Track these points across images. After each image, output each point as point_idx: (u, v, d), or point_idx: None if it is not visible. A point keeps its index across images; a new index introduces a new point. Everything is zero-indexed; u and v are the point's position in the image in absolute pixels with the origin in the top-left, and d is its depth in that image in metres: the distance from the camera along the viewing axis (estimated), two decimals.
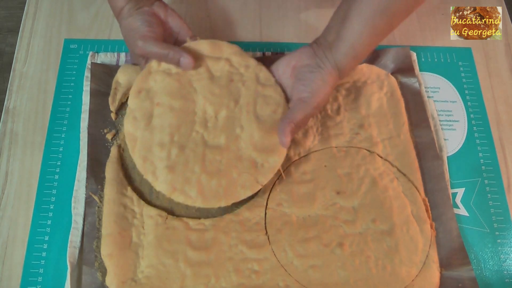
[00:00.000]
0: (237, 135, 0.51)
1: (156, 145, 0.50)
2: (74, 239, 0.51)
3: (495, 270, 0.53)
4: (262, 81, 0.54)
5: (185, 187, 0.49)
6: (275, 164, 0.51)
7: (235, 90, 0.53)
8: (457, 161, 0.58)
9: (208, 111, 0.52)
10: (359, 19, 0.49)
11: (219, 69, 0.54)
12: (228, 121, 0.52)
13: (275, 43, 0.65)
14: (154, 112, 0.51)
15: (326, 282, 0.50)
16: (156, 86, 0.52)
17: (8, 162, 0.56)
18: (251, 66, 0.54)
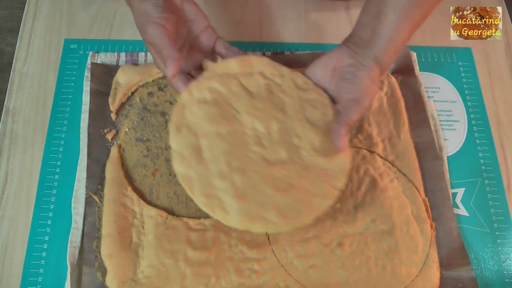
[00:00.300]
0: (296, 145, 0.48)
1: (216, 177, 0.45)
2: (74, 239, 0.51)
3: (495, 270, 0.53)
4: (302, 86, 0.51)
5: (261, 212, 0.44)
6: (345, 165, 0.48)
7: (278, 101, 0.50)
8: (457, 161, 0.58)
9: (258, 128, 0.48)
10: (395, 13, 0.48)
11: (255, 84, 0.51)
12: (282, 133, 0.48)
13: (275, 43, 0.65)
14: (202, 145, 0.47)
15: (326, 282, 0.50)
16: (195, 118, 0.48)
17: (8, 162, 0.56)
18: (285, 74, 0.52)
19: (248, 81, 0.51)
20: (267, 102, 0.50)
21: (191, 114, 0.48)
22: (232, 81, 0.50)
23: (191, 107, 0.49)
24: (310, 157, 0.47)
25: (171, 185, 0.54)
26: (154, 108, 0.58)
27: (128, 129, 0.57)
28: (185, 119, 0.48)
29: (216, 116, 0.48)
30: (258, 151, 0.47)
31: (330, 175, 0.46)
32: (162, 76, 0.60)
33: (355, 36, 0.51)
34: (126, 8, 0.66)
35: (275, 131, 0.48)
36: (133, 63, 0.61)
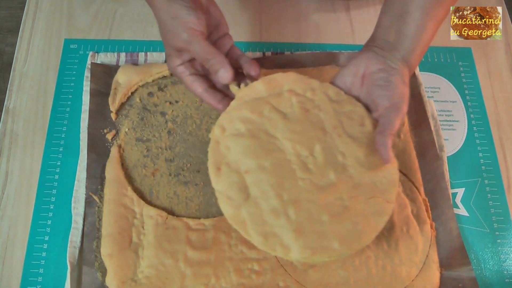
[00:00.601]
0: (343, 164, 0.46)
1: (269, 214, 0.43)
2: (74, 239, 0.51)
3: (495, 270, 0.53)
4: (334, 99, 0.49)
5: (323, 243, 0.42)
6: (393, 175, 0.46)
7: (314, 118, 0.48)
8: (457, 161, 0.58)
9: (301, 152, 0.46)
10: (420, 12, 0.47)
11: (288, 105, 0.48)
12: (326, 153, 0.46)
13: (275, 43, 0.65)
14: (247, 182, 0.45)
15: (326, 282, 0.50)
16: (233, 154, 0.46)
17: (8, 162, 0.56)
18: (316, 88, 0.50)
19: (279, 102, 0.48)
20: (304, 123, 0.48)
21: (228, 150, 0.46)
22: (263, 106, 0.48)
23: (226, 142, 0.47)
24: (358, 174, 0.45)
25: (171, 185, 0.54)
26: (154, 108, 0.58)
27: (128, 129, 0.57)
28: (223, 157, 0.46)
29: (255, 148, 0.46)
30: (306, 177, 0.45)
31: (380, 189, 0.45)
32: (162, 76, 0.60)
33: (379, 40, 0.50)
34: (126, 8, 0.67)
35: (318, 153, 0.46)
36: (133, 63, 0.61)
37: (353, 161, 0.46)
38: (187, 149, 0.56)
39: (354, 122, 0.48)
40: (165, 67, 0.59)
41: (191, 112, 0.59)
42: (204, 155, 0.56)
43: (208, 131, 0.57)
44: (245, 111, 0.48)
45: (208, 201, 0.54)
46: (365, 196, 0.45)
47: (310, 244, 0.42)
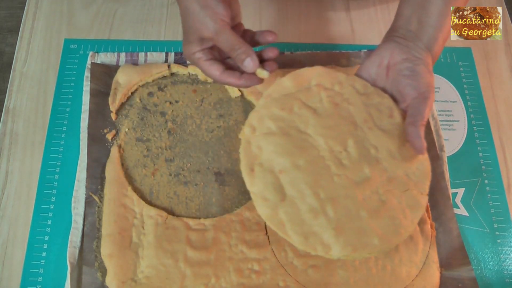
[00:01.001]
0: (377, 158, 0.46)
1: (307, 213, 0.43)
2: (74, 239, 0.51)
3: (495, 270, 0.53)
4: (362, 91, 0.49)
5: (363, 239, 0.42)
6: (426, 165, 0.47)
7: (345, 113, 0.48)
8: (457, 161, 0.58)
9: (335, 147, 0.46)
10: (441, 1, 0.48)
11: (317, 99, 0.48)
12: (360, 148, 0.46)
13: (275, 43, 0.65)
14: (282, 182, 0.44)
15: (326, 282, 0.50)
16: (266, 154, 0.46)
17: (8, 162, 0.56)
18: (343, 81, 0.49)
19: (308, 97, 0.48)
20: (335, 117, 0.47)
21: (259, 150, 0.46)
22: (292, 102, 0.48)
23: (257, 142, 0.46)
24: (391, 166, 0.45)
25: (171, 185, 0.54)
26: (154, 108, 0.58)
27: (128, 129, 0.57)
28: (255, 157, 0.46)
29: (287, 146, 0.45)
30: (341, 173, 0.45)
31: (414, 181, 0.45)
32: (162, 76, 0.60)
33: (401, 29, 0.50)
34: (126, 8, 0.67)
35: (352, 147, 0.46)
36: (133, 63, 0.61)
37: (385, 154, 0.46)
38: (187, 149, 0.56)
39: (383, 114, 0.48)
40: (165, 67, 0.60)
41: (191, 112, 0.59)
42: (204, 155, 0.56)
43: (208, 131, 0.57)
44: (274, 109, 0.48)
45: (208, 201, 0.54)
46: (400, 189, 0.45)
47: (351, 241, 0.42)
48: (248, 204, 0.53)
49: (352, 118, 0.48)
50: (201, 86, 0.60)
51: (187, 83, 0.60)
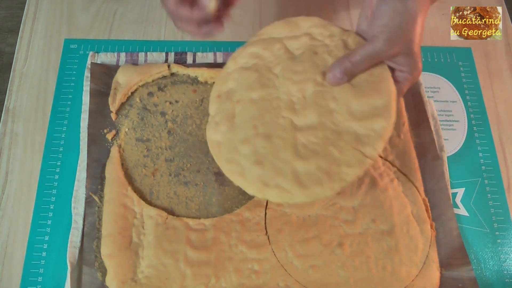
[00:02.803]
0: (331, 109, 0.44)
1: (240, 142, 0.44)
2: (74, 239, 0.51)
3: (495, 270, 0.53)
4: (352, 47, 0.46)
5: (277, 180, 0.42)
6: (383, 130, 0.43)
7: (320, 62, 0.46)
8: (457, 161, 0.58)
9: (294, 92, 0.45)
10: None
11: (300, 46, 0.47)
12: (317, 96, 0.44)
13: None
14: (236, 111, 0.46)
15: (326, 282, 0.50)
16: (234, 85, 0.47)
17: (8, 162, 0.56)
18: (336, 35, 0.47)
19: (293, 43, 0.48)
20: (307, 64, 0.46)
21: (233, 81, 0.47)
22: (275, 45, 0.48)
23: (233, 74, 0.48)
24: (345, 122, 0.43)
25: (171, 185, 0.54)
26: (154, 108, 0.58)
27: (128, 129, 0.57)
28: (227, 86, 0.47)
29: (252, 81, 0.46)
30: (288, 116, 0.44)
31: (363, 141, 0.43)
32: (162, 76, 0.60)
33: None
34: (126, 8, 0.67)
35: (310, 94, 0.45)
36: (133, 63, 0.61)
37: (343, 108, 0.44)
38: (187, 149, 0.56)
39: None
40: (165, 67, 0.60)
41: (191, 112, 0.59)
42: (204, 155, 0.56)
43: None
44: (258, 47, 0.48)
45: (208, 201, 0.54)
46: (343, 145, 0.43)
47: (265, 179, 0.42)
48: (248, 204, 0.53)
49: (325, 68, 0.46)
50: (201, 86, 0.60)
51: (187, 83, 0.60)
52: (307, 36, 0.48)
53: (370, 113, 0.43)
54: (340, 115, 0.44)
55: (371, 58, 0.43)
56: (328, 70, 0.44)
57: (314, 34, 0.48)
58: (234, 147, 0.44)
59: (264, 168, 0.42)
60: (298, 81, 0.46)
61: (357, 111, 0.44)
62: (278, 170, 0.42)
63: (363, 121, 0.43)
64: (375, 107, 0.43)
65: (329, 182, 0.41)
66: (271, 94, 0.46)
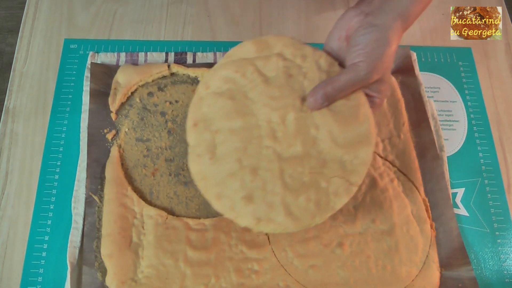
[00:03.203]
0: (314, 137, 0.44)
1: (226, 176, 0.43)
2: (74, 239, 0.51)
3: (495, 270, 0.53)
4: (325, 68, 0.46)
5: (269, 214, 0.42)
6: (366, 156, 0.43)
7: (297, 86, 0.45)
8: (457, 161, 0.58)
9: (273, 119, 0.44)
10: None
11: (273, 68, 0.46)
12: (299, 123, 0.44)
13: None
14: (216, 142, 0.45)
15: (326, 282, 0.50)
16: (211, 112, 0.46)
17: (8, 162, 0.56)
18: (308, 55, 0.47)
19: (264, 64, 0.47)
20: (284, 88, 0.45)
21: (208, 107, 0.46)
22: (247, 67, 0.46)
23: (207, 100, 0.46)
24: (329, 150, 0.43)
25: (171, 185, 0.54)
26: (154, 108, 0.58)
27: (128, 129, 0.57)
28: (202, 113, 0.46)
29: (229, 108, 0.45)
30: (271, 145, 0.44)
31: (348, 169, 0.43)
32: (162, 76, 0.60)
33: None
34: (126, 8, 0.67)
35: (291, 122, 0.44)
36: (133, 63, 0.61)
37: (326, 135, 0.44)
38: (187, 149, 0.56)
39: None
40: (165, 67, 0.60)
41: None
42: None
43: None
44: (229, 70, 0.47)
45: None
46: (329, 174, 0.43)
47: (257, 213, 0.42)
48: None
49: (303, 92, 0.45)
50: None
51: (187, 83, 0.60)
52: (278, 56, 0.47)
53: (353, 140, 0.44)
54: (323, 142, 0.44)
55: (352, 85, 0.44)
56: (309, 95, 0.44)
57: (285, 54, 0.47)
58: (221, 181, 0.43)
59: (255, 203, 0.42)
60: (277, 107, 0.45)
61: (340, 138, 0.44)
62: (268, 204, 0.42)
63: (347, 148, 0.43)
64: (358, 134, 0.44)
65: (319, 212, 0.42)
66: (250, 123, 0.45)
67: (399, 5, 0.44)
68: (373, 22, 0.43)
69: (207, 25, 0.66)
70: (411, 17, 0.45)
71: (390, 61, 0.45)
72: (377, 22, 0.43)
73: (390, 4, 0.44)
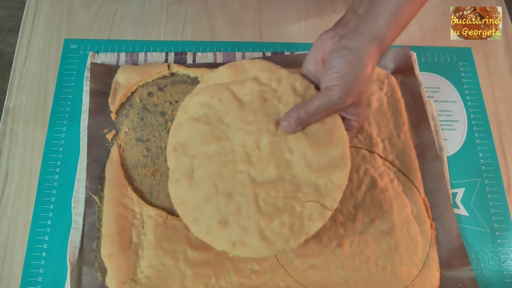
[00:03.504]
0: (288, 161, 0.44)
1: (202, 201, 0.44)
2: (74, 239, 0.51)
3: (495, 270, 0.53)
4: (301, 92, 0.46)
5: (244, 238, 0.42)
6: (341, 180, 0.43)
7: (271, 109, 0.46)
8: (457, 161, 0.58)
9: (248, 143, 0.45)
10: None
11: (248, 92, 0.47)
12: (272, 147, 0.44)
13: (275, 43, 0.65)
14: (194, 166, 0.46)
15: (326, 282, 0.50)
16: (188, 137, 0.47)
17: (8, 162, 0.56)
18: (283, 79, 0.47)
19: (240, 89, 0.47)
20: (258, 113, 0.46)
21: (186, 132, 0.47)
22: (223, 92, 0.47)
23: (186, 125, 0.47)
24: (303, 174, 0.43)
25: None
26: (154, 108, 0.58)
27: (128, 129, 0.57)
28: (180, 138, 0.47)
29: (205, 134, 0.46)
30: (245, 170, 0.44)
31: (323, 194, 0.43)
32: (162, 76, 0.60)
33: (348, 13, 0.45)
34: (126, 8, 0.67)
35: (265, 146, 0.45)
36: (133, 63, 0.61)
37: (300, 159, 0.44)
38: None
39: None
40: (165, 67, 0.60)
41: None
42: None
43: None
44: (205, 96, 0.48)
45: None
46: (303, 198, 0.43)
47: (232, 237, 0.42)
48: None
49: (278, 116, 0.45)
50: None
51: (187, 83, 0.60)
52: (254, 81, 0.47)
53: (327, 164, 0.44)
54: (297, 166, 0.44)
55: (326, 109, 0.44)
56: (283, 119, 0.44)
57: (261, 78, 0.48)
58: (198, 205, 0.44)
59: (229, 228, 0.43)
60: (251, 131, 0.45)
61: (314, 162, 0.44)
62: (243, 228, 0.42)
63: (321, 172, 0.43)
64: (331, 158, 0.44)
65: (293, 237, 0.42)
66: (225, 147, 0.45)
67: (374, 28, 0.43)
68: (346, 45, 0.43)
69: (207, 25, 0.66)
70: (386, 40, 0.44)
71: (366, 84, 0.44)
72: (351, 45, 0.43)
73: (364, 26, 0.43)
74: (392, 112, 0.59)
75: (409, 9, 0.43)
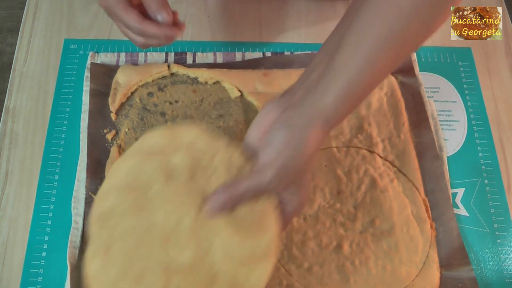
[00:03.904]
0: (208, 247, 0.39)
1: (113, 281, 0.38)
2: (74, 239, 0.51)
3: (495, 270, 0.53)
4: (236, 166, 0.41)
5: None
6: (262, 274, 0.39)
7: (199, 186, 0.40)
8: (457, 161, 0.58)
9: (168, 222, 0.39)
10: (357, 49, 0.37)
11: (178, 162, 0.41)
12: (193, 230, 0.39)
13: (275, 43, 0.65)
14: (111, 239, 0.40)
15: (326, 282, 0.50)
16: (113, 205, 0.41)
17: (8, 162, 0.56)
18: (220, 150, 0.42)
19: (170, 159, 0.42)
20: (184, 189, 0.40)
21: (112, 199, 0.41)
22: (152, 161, 0.41)
23: (112, 191, 0.41)
24: (222, 264, 0.38)
25: None
26: (154, 108, 0.58)
27: (128, 129, 0.57)
28: (105, 206, 0.41)
29: (129, 204, 0.40)
30: (161, 251, 0.39)
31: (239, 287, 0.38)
32: (162, 76, 0.60)
33: (301, 78, 0.41)
34: None
35: (185, 228, 0.39)
36: (133, 63, 0.61)
37: (221, 246, 0.39)
38: None
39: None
40: (165, 67, 0.60)
41: (191, 112, 0.59)
42: None
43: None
44: (135, 161, 0.42)
45: None
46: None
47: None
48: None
49: (205, 194, 0.40)
50: (201, 86, 0.60)
51: (187, 83, 0.60)
52: (188, 150, 0.42)
53: (250, 254, 0.39)
54: (217, 254, 0.39)
55: (255, 192, 0.39)
56: (207, 201, 0.39)
57: (195, 149, 0.42)
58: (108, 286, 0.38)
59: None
60: (173, 209, 0.40)
61: (235, 252, 0.39)
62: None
63: (243, 263, 0.39)
64: (256, 247, 0.39)
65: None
66: (145, 224, 0.40)
67: (320, 104, 0.38)
68: (288, 120, 0.38)
69: (207, 25, 0.66)
70: (332, 121, 0.39)
71: (305, 164, 0.39)
72: (292, 121, 0.38)
73: (311, 100, 0.38)
74: (392, 112, 0.59)
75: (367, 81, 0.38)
